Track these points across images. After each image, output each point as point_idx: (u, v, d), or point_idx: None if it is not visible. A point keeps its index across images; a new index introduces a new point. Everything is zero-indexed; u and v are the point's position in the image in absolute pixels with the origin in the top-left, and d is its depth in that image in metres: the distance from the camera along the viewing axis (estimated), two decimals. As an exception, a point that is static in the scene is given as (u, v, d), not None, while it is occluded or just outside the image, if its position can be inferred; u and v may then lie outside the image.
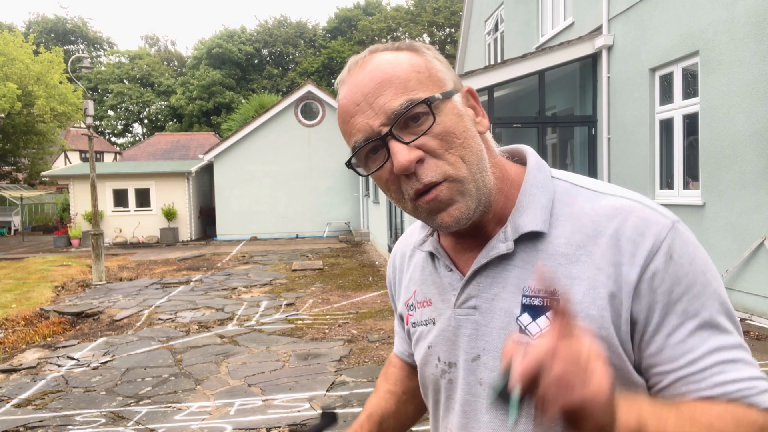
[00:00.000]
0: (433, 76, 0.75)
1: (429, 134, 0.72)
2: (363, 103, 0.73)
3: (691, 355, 0.69)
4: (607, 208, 0.74)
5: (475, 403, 0.79)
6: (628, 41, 8.20)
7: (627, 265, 0.70)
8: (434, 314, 0.85)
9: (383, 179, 0.76)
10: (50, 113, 21.16)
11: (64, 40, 46.73)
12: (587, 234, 0.73)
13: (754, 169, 5.89)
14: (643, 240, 0.70)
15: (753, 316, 5.77)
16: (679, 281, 0.69)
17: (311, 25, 47.61)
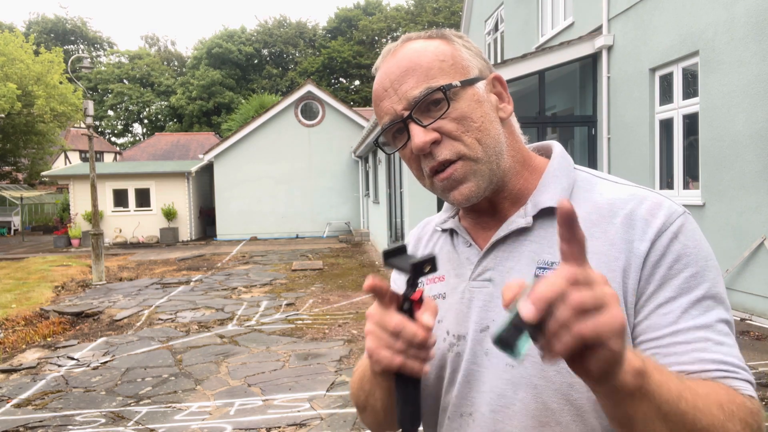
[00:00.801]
0: (457, 63, 0.81)
1: (446, 118, 0.78)
2: (390, 89, 0.81)
3: (677, 326, 0.70)
4: (624, 194, 0.79)
5: (478, 372, 0.81)
6: (628, 41, 8.20)
7: (638, 240, 0.74)
8: (445, 289, 0.88)
9: (406, 157, 0.84)
10: (50, 113, 21.17)
11: (64, 40, 46.73)
12: (603, 215, 0.77)
13: (754, 169, 5.89)
14: (654, 219, 0.75)
15: (753, 316, 5.77)
16: (680, 259, 0.73)
17: (311, 25, 47.62)
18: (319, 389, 4.39)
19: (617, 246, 0.75)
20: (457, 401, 0.83)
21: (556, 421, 0.75)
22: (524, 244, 0.81)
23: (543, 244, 0.79)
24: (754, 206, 5.92)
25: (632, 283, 0.73)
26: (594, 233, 0.76)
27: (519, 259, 0.80)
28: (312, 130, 19.13)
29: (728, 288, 6.24)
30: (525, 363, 0.76)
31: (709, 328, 0.70)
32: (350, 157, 19.13)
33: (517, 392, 0.77)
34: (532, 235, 0.81)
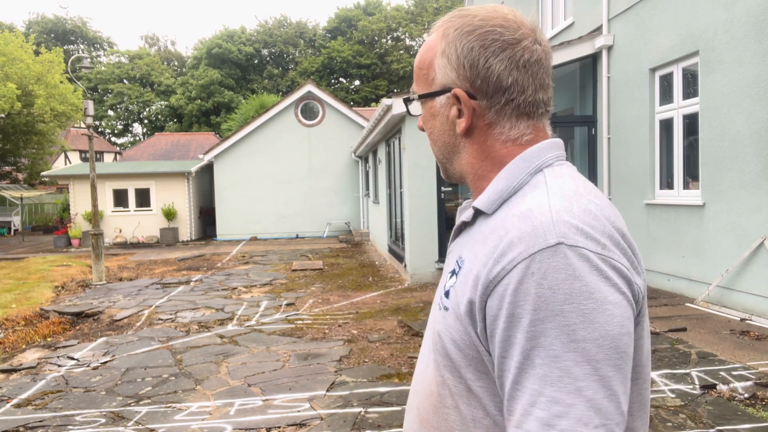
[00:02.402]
0: (429, 74, 0.88)
1: (422, 119, 0.94)
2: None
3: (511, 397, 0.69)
4: (525, 207, 0.75)
5: (425, 338, 0.92)
6: (628, 41, 8.20)
7: (494, 260, 0.72)
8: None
9: None
10: (50, 113, 21.16)
11: (63, 40, 46.71)
12: (500, 225, 0.76)
13: (754, 169, 5.89)
14: (517, 245, 0.70)
15: (753, 316, 5.77)
16: (528, 299, 0.67)
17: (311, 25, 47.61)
18: (319, 389, 4.39)
19: (482, 258, 0.75)
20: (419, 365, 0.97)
21: (438, 393, 0.83)
22: (463, 236, 0.88)
23: (468, 240, 0.84)
24: (754, 206, 5.92)
25: (479, 299, 0.73)
26: (487, 240, 0.77)
27: (459, 248, 0.87)
28: (312, 130, 19.13)
29: (728, 288, 6.24)
30: (431, 337, 0.86)
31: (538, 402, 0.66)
32: (350, 157, 19.13)
33: (429, 361, 0.87)
34: (471, 229, 0.86)
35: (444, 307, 0.82)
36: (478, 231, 0.82)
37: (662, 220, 7.47)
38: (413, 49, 44.12)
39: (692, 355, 4.75)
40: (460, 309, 0.76)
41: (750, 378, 4.16)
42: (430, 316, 0.92)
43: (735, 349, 4.84)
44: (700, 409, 3.68)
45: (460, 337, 0.76)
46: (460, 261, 0.82)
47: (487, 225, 0.80)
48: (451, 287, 0.81)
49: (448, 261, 0.90)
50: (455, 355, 0.78)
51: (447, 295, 0.81)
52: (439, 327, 0.81)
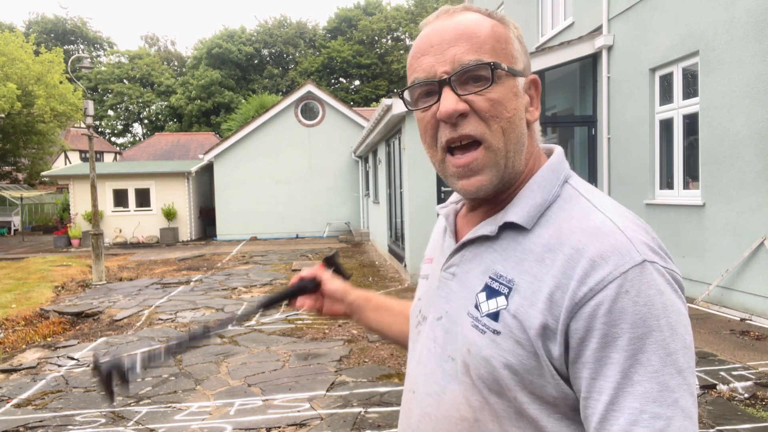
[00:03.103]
0: (508, 50, 0.80)
1: (482, 95, 0.76)
2: (437, 47, 0.78)
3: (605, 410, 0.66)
4: (589, 224, 0.73)
5: (426, 356, 0.86)
6: (628, 41, 8.20)
7: (576, 280, 0.69)
8: (430, 271, 0.95)
9: (423, 121, 0.81)
10: (50, 113, 21.16)
11: (63, 40, 46.71)
12: (562, 240, 0.73)
13: (754, 169, 5.89)
14: (603, 264, 0.68)
15: (753, 316, 5.77)
16: (625, 317, 0.66)
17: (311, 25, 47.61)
18: (319, 389, 4.39)
19: (555, 277, 0.71)
20: (411, 378, 0.91)
21: (476, 419, 0.77)
22: (488, 251, 0.81)
23: (502, 255, 0.79)
24: (754, 206, 5.92)
25: (561, 322, 0.69)
26: (545, 259, 0.73)
27: (479, 263, 0.81)
28: (312, 130, 19.13)
29: (728, 288, 6.24)
30: (459, 360, 0.79)
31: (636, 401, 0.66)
32: (350, 157, 19.13)
33: (450, 383, 0.80)
34: (497, 244, 0.80)
35: (494, 330, 0.74)
36: (518, 247, 0.77)
37: (662, 220, 7.47)
38: (413, 49, 44.15)
39: (692, 355, 4.75)
40: (529, 333, 0.71)
41: (750, 378, 4.16)
42: (431, 330, 0.86)
43: (735, 349, 4.84)
44: (700, 409, 3.68)
45: (519, 362, 0.72)
46: (505, 280, 0.76)
47: (530, 241, 0.76)
48: (501, 309, 0.74)
49: (465, 276, 0.83)
50: (509, 379, 0.73)
51: (495, 317, 0.75)
52: (487, 352, 0.74)
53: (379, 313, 1.20)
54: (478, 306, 0.78)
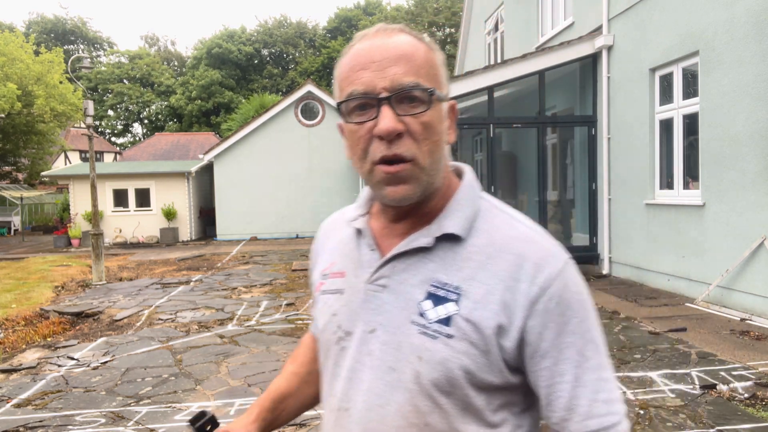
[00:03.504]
0: (438, 75, 0.85)
1: (418, 118, 0.81)
2: (378, 63, 0.81)
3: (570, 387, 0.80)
4: (519, 233, 0.85)
5: (359, 371, 0.86)
6: (628, 41, 8.20)
7: (527, 282, 0.80)
8: (344, 285, 0.93)
9: (357, 135, 0.83)
10: (50, 113, 21.15)
11: (63, 40, 46.70)
12: (498, 248, 0.83)
13: (754, 169, 5.89)
14: (545, 266, 0.81)
15: (753, 316, 5.77)
16: (569, 305, 0.81)
17: (311, 25, 47.61)
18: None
19: (504, 282, 0.80)
20: (340, 395, 0.89)
21: (425, 422, 0.81)
22: (423, 261, 0.85)
23: (441, 265, 0.84)
24: (754, 206, 5.91)
25: (516, 320, 0.79)
26: (486, 265, 0.82)
27: (415, 273, 0.85)
28: (312, 130, 19.13)
29: (728, 288, 6.24)
30: (404, 369, 0.82)
31: (599, 380, 0.81)
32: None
33: (394, 394, 0.82)
34: (433, 255, 0.85)
35: (446, 334, 0.80)
36: (456, 257, 0.84)
37: (662, 220, 7.47)
38: (413, 49, 44.14)
39: (692, 355, 4.75)
40: (484, 333, 0.79)
41: (750, 378, 4.17)
42: (362, 345, 0.86)
43: (735, 349, 4.84)
44: (700, 409, 3.68)
45: (472, 361, 0.79)
46: (452, 288, 0.82)
47: (466, 251, 0.84)
48: (453, 314, 0.80)
49: (400, 287, 0.85)
50: (461, 378, 0.80)
51: (447, 322, 0.80)
52: (442, 355, 0.80)
53: (285, 404, 1.11)
54: (423, 314, 0.82)
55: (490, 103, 8.98)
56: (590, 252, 9.13)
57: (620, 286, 7.98)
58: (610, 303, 6.87)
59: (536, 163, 9.41)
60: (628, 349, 5.00)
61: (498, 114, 9.27)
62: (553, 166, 10.85)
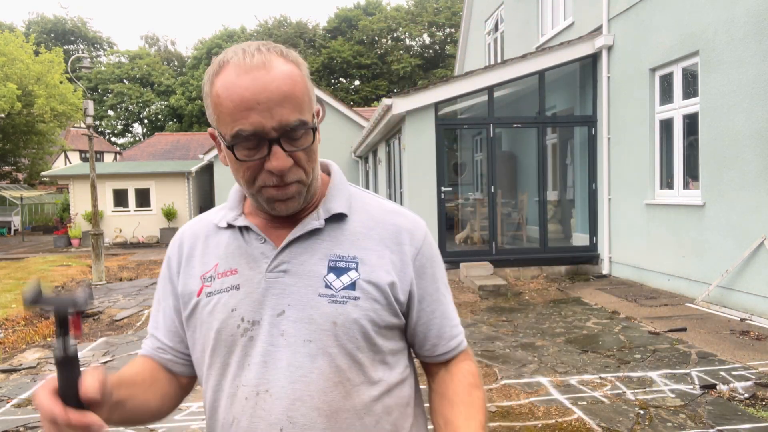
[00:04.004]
0: (312, 99, 0.93)
1: (304, 151, 0.91)
2: (264, 105, 0.86)
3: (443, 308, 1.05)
4: (388, 208, 1.05)
5: (275, 352, 0.93)
6: (628, 41, 8.20)
7: (407, 245, 1.00)
8: (239, 280, 0.97)
9: (245, 165, 0.90)
10: (50, 113, 21.15)
11: (63, 40, 46.69)
12: (377, 221, 1.01)
13: (754, 169, 5.89)
14: (417, 231, 1.03)
15: (753, 316, 5.77)
16: (433, 259, 1.04)
17: (311, 25, 47.58)
18: (319, 389, 4.38)
19: (389, 247, 0.98)
20: (255, 381, 0.92)
21: (346, 378, 0.93)
22: (317, 241, 0.97)
23: (334, 241, 0.97)
24: (754, 206, 5.91)
25: (407, 276, 0.98)
26: (371, 235, 0.99)
27: (312, 253, 0.96)
28: (312, 130, 19.12)
29: (728, 288, 6.24)
30: (321, 337, 0.92)
31: (450, 306, 1.07)
32: (350, 157, 19.12)
33: (315, 362, 0.92)
34: (324, 234, 0.98)
35: (354, 297, 0.93)
36: (345, 233, 0.98)
37: (662, 220, 7.47)
38: (413, 49, 44.11)
39: (692, 355, 4.75)
40: (382, 289, 0.95)
41: (750, 378, 4.16)
42: (273, 328, 0.93)
43: (735, 349, 4.84)
44: (700, 409, 3.68)
45: (376, 314, 0.94)
46: (349, 258, 0.96)
47: (351, 226, 0.99)
48: (356, 279, 0.94)
49: (301, 268, 0.95)
50: (371, 330, 0.94)
51: (353, 287, 0.94)
52: (354, 315, 0.93)
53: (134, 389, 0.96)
54: (329, 285, 0.94)
55: (490, 103, 8.98)
56: (590, 252, 9.13)
57: (620, 286, 7.98)
58: (610, 303, 6.87)
59: (536, 163, 9.41)
60: (628, 349, 5.00)
61: (498, 114, 9.27)
62: (553, 166, 10.85)
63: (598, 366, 4.60)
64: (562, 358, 4.83)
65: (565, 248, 9.50)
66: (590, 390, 4.08)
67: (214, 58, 0.97)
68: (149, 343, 1.08)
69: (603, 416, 3.61)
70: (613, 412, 3.66)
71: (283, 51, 0.92)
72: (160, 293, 1.09)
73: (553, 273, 8.96)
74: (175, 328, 1.05)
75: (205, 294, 0.99)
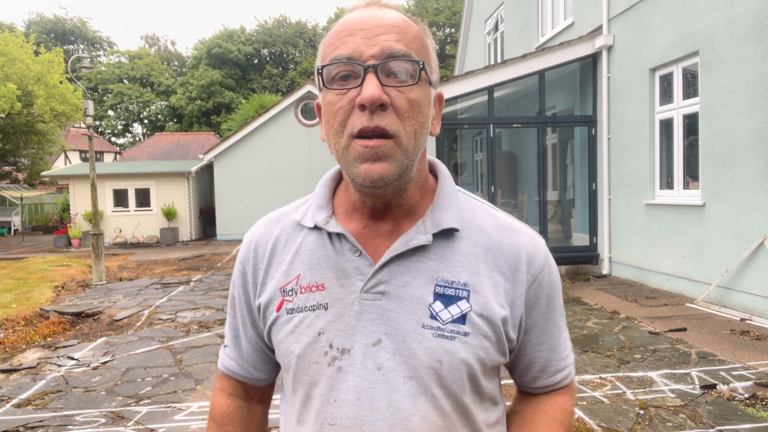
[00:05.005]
0: (430, 58, 0.81)
1: (404, 93, 0.76)
2: (367, 30, 0.76)
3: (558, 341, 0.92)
4: (505, 223, 0.87)
5: (371, 389, 0.79)
6: (628, 41, 8.20)
7: (524, 272, 0.84)
8: (328, 299, 0.82)
9: (336, 105, 0.76)
10: (50, 113, 21.15)
11: (63, 40, 46.70)
12: (492, 240, 0.84)
13: (754, 169, 5.89)
14: (538, 255, 0.86)
15: (753, 316, 5.77)
16: (552, 285, 0.88)
17: (311, 25, 47.58)
18: (319, 389, 4.38)
19: (504, 274, 0.83)
20: (345, 421, 0.79)
21: (451, 422, 0.80)
22: (421, 260, 0.81)
23: (442, 262, 0.81)
24: (754, 206, 5.92)
25: (518, 308, 0.84)
26: (486, 257, 0.83)
27: (416, 275, 0.80)
28: (312, 130, 19.13)
29: (728, 288, 6.24)
30: (424, 375, 0.79)
31: (567, 339, 0.94)
32: (350, 157, 19.12)
33: (417, 403, 0.79)
34: (430, 252, 0.82)
35: (463, 333, 0.79)
36: (454, 252, 0.82)
37: (662, 220, 7.47)
38: (413, 49, 44.11)
39: (692, 355, 4.75)
40: (495, 325, 0.81)
41: (750, 378, 4.17)
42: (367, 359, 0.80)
43: (735, 349, 4.84)
44: (700, 409, 3.68)
45: (486, 353, 0.81)
46: (459, 285, 0.80)
47: (462, 244, 0.83)
48: (467, 311, 0.80)
49: (402, 291, 0.80)
50: (479, 371, 0.82)
51: (462, 320, 0.79)
52: (463, 354, 0.79)
53: None
54: (435, 316, 0.79)
55: (490, 103, 8.98)
56: (590, 252, 9.14)
57: (620, 286, 7.98)
58: (610, 303, 6.87)
59: (536, 163, 9.41)
60: (628, 349, 5.00)
61: (498, 114, 9.27)
62: (553, 166, 10.85)
63: (598, 366, 4.61)
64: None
65: (565, 248, 9.51)
66: (590, 390, 4.08)
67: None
68: (233, 357, 0.97)
69: (603, 416, 3.61)
70: (613, 412, 3.67)
71: (409, 15, 0.83)
72: (237, 303, 0.94)
73: (553, 273, 8.95)
74: (257, 344, 0.94)
75: (286, 310, 0.85)
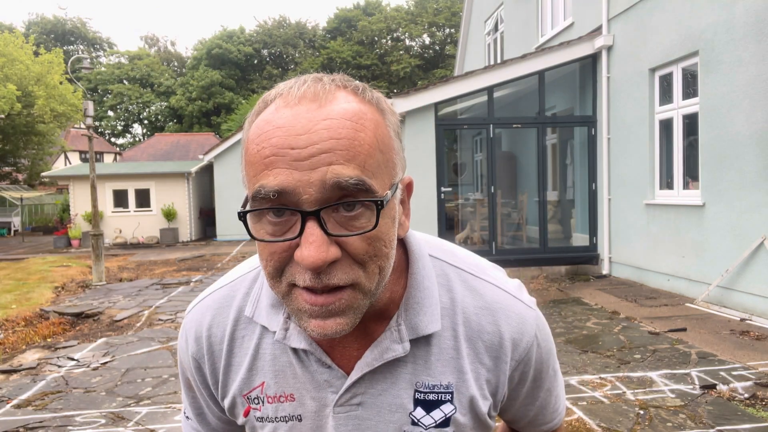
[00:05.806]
0: (390, 160, 0.63)
1: (361, 235, 0.59)
2: (301, 150, 0.56)
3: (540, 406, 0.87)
4: (486, 303, 0.76)
5: None
6: (627, 41, 8.20)
7: (508, 359, 0.76)
8: (300, 410, 0.75)
9: (270, 250, 0.60)
10: (50, 114, 21.15)
11: (63, 41, 46.71)
12: (473, 329, 0.75)
13: (754, 169, 5.89)
14: (522, 339, 0.76)
15: (753, 316, 5.77)
16: (540, 362, 0.80)
17: (311, 25, 47.60)
18: (319, 389, 4.38)
19: (485, 364, 0.75)
20: None
21: None
22: (398, 366, 0.73)
23: (422, 366, 0.73)
24: (754, 206, 5.92)
25: (502, 390, 0.78)
26: (465, 350, 0.74)
27: (394, 381, 0.73)
28: (312, 130, 19.13)
29: (728, 288, 6.24)
30: None
31: (558, 396, 0.90)
32: (350, 157, 19.12)
33: None
34: (408, 356, 0.73)
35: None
36: (431, 350, 0.73)
37: (662, 220, 7.47)
38: (413, 50, 44.13)
39: (692, 355, 4.75)
40: (480, 416, 0.77)
41: (750, 378, 4.17)
42: None
43: (735, 349, 4.84)
44: (700, 409, 3.68)
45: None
46: (441, 388, 0.74)
47: (440, 339, 0.74)
48: (451, 414, 0.74)
49: (378, 399, 0.74)
50: None
51: (446, 423, 0.74)
52: None
53: None
54: (417, 422, 0.74)
55: (490, 103, 8.98)
56: (590, 252, 9.14)
57: (620, 286, 7.98)
58: (610, 303, 6.87)
59: (536, 163, 9.41)
60: (628, 349, 5.00)
61: (498, 114, 9.27)
62: (553, 166, 10.85)
63: (598, 366, 4.61)
64: (562, 359, 4.83)
65: (565, 248, 9.51)
66: (590, 390, 4.08)
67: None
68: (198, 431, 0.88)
69: (603, 416, 3.61)
70: (613, 413, 3.67)
71: (359, 87, 0.63)
72: (197, 390, 0.84)
73: (553, 273, 8.96)
74: (227, 419, 0.85)
75: (255, 418, 0.78)
